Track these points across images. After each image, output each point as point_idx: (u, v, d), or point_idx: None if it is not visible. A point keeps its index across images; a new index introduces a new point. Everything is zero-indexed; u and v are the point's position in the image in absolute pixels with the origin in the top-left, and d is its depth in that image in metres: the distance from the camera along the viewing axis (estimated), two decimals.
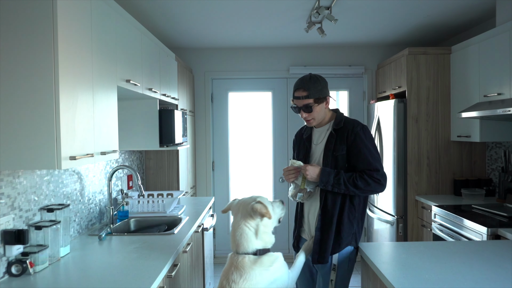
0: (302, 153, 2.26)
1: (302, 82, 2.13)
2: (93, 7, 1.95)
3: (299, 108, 2.15)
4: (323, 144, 2.17)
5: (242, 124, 4.90)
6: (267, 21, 3.66)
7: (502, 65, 2.94)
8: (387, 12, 3.44)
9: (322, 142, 2.18)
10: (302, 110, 2.14)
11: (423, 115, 3.79)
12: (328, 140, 2.14)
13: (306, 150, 2.24)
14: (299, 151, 2.29)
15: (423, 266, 1.81)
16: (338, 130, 2.13)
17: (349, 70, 4.69)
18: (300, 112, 2.16)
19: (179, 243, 2.25)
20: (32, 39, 1.56)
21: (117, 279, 1.71)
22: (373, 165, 2.04)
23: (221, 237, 4.86)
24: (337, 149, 2.09)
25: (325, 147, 2.14)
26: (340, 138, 2.10)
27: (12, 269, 1.75)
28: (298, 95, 2.13)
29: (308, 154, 2.24)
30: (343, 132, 2.11)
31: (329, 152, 2.11)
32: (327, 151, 2.12)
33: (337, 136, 2.12)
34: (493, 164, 3.72)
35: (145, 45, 2.77)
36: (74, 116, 1.72)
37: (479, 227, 2.62)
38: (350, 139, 2.08)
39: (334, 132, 2.13)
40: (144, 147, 3.01)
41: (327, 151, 2.12)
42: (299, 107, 2.14)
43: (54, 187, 2.20)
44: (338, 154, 2.08)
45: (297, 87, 2.14)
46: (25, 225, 1.92)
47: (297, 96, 2.13)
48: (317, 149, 2.21)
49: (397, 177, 3.84)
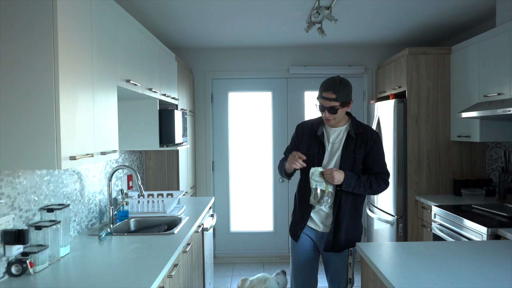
0: (314, 149, 2.34)
1: (333, 84, 2.23)
2: (93, 7, 1.95)
3: (324, 108, 2.24)
4: (340, 144, 2.32)
5: (242, 124, 4.90)
6: (267, 21, 3.66)
7: (502, 65, 2.94)
8: (387, 12, 3.44)
9: (340, 142, 2.33)
10: (327, 110, 2.23)
11: (423, 115, 3.79)
12: (347, 142, 2.31)
13: (321, 147, 2.33)
14: (310, 145, 2.35)
15: (423, 266, 1.81)
16: (358, 134, 2.31)
17: (349, 70, 4.69)
18: (324, 112, 2.26)
19: (179, 243, 2.25)
20: (32, 39, 1.56)
21: (117, 279, 1.71)
22: (385, 169, 2.35)
23: (221, 237, 4.86)
24: (357, 151, 2.29)
25: (345, 148, 2.30)
26: (360, 142, 2.30)
27: (12, 269, 1.75)
28: (327, 96, 2.22)
29: (323, 151, 2.32)
30: (363, 137, 2.31)
31: (349, 154, 2.29)
32: (347, 152, 2.29)
33: (356, 139, 2.30)
34: (493, 164, 3.72)
35: (145, 45, 2.76)
36: (74, 116, 1.72)
37: (479, 227, 2.62)
38: (369, 145, 2.31)
39: (355, 135, 2.30)
40: (144, 147, 3.01)
41: (347, 152, 2.29)
42: (325, 107, 2.23)
43: (54, 187, 2.20)
44: (357, 157, 2.29)
45: (327, 88, 2.22)
46: (25, 225, 1.92)
47: (325, 97, 2.22)
48: (333, 148, 2.33)
49: (397, 177, 3.84)
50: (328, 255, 2.39)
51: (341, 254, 2.36)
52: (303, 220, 2.38)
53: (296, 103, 4.82)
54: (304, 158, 2.25)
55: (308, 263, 2.44)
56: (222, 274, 4.44)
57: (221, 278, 4.33)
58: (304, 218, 2.38)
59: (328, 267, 2.43)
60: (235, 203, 4.95)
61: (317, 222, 2.37)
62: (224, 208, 4.89)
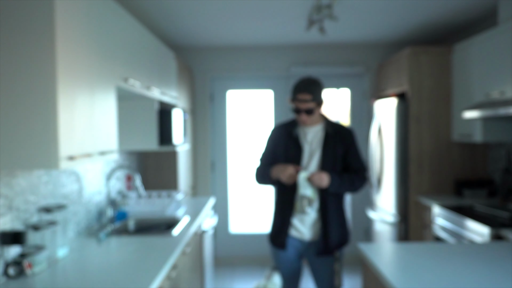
0: (292, 151, 2.28)
1: (307, 85, 2.18)
2: (92, 7, 1.93)
3: (300, 111, 2.19)
4: (319, 144, 2.27)
5: (242, 124, 4.89)
6: (268, 20, 3.64)
7: (504, 64, 2.92)
8: (388, 11, 3.42)
9: (318, 141, 2.28)
10: (304, 112, 2.19)
11: (424, 114, 3.76)
12: (326, 140, 2.26)
13: (298, 148, 2.28)
14: (287, 148, 2.29)
15: (425, 267, 1.79)
16: (335, 131, 2.28)
17: (350, 69, 4.67)
18: (300, 114, 2.21)
19: (178, 244, 2.23)
20: (31, 38, 1.55)
21: (116, 280, 1.70)
22: (364, 165, 2.34)
23: (221, 238, 4.84)
24: (337, 149, 2.26)
25: (325, 146, 2.25)
26: (338, 139, 2.27)
27: (10, 271, 1.73)
28: (302, 98, 2.17)
29: (301, 152, 2.26)
30: (340, 134, 2.28)
31: (329, 152, 2.24)
32: (327, 150, 2.25)
33: (335, 137, 2.26)
34: (495, 164, 3.70)
35: (144, 44, 2.75)
36: (73, 116, 1.70)
37: (481, 228, 2.60)
38: (347, 141, 2.29)
39: (333, 133, 2.27)
40: (143, 147, 2.99)
41: (327, 150, 2.25)
42: (302, 109, 2.18)
43: (53, 188, 2.18)
44: (338, 154, 2.26)
45: (301, 90, 2.18)
46: (23, 226, 1.90)
47: (301, 98, 2.18)
48: (312, 148, 2.28)
49: (398, 177, 3.82)
50: (315, 263, 2.33)
51: (328, 260, 2.31)
52: (283, 228, 2.28)
53: None
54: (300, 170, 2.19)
55: (294, 273, 2.37)
56: (222, 276, 4.42)
57: (221, 280, 4.31)
58: (284, 225, 2.28)
59: (316, 274, 2.37)
60: (235, 203, 4.94)
61: (302, 231, 2.28)
62: (223, 209, 4.86)
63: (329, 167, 2.24)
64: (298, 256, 2.35)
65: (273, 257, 2.41)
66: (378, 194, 4.22)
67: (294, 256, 2.34)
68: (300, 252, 2.34)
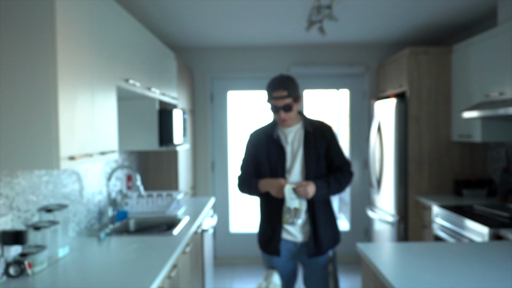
0: (274, 154, 2.22)
1: (281, 82, 2.15)
2: (93, 7, 1.94)
3: (278, 108, 2.15)
4: (300, 143, 2.23)
5: (242, 124, 4.89)
6: (268, 20, 3.65)
7: (503, 64, 2.92)
8: (388, 12, 3.43)
9: (298, 141, 2.24)
10: (282, 110, 2.15)
11: (424, 114, 3.77)
12: (307, 138, 2.22)
13: (281, 150, 2.22)
14: (269, 151, 2.23)
15: (424, 267, 1.80)
16: (315, 129, 2.23)
17: (349, 70, 4.67)
18: (279, 113, 2.16)
19: (178, 244, 2.24)
20: (31, 38, 1.55)
21: (116, 280, 1.70)
22: (347, 160, 2.30)
23: (221, 238, 4.84)
24: (319, 146, 2.21)
25: (306, 145, 2.21)
26: (319, 136, 2.23)
27: (10, 270, 1.73)
28: (278, 95, 2.13)
29: (284, 154, 2.22)
30: (321, 130, 2.24)
31: (312, 151, 2.21)
32: (309, 149, 2.21)
33: (315, 134, 2.22)
34: (494, 164, 3.70)
35: (144, 44, 2.75)
36: (73, 116, 1.71)
37: (481, 228, 2.61)
38: (328, 138, 2.24)
39: (313, 130, 2.22)
40: (143, 147, 3.00)
41: (309, 149, 2.21)
42: (279, 107, 2.14)
43: (53, 188, 2.19)
44: (320, 151, 2.21)
45: (276, 87, 2.14)
46: (24, 226, 1.91)
47: (276, 96, 2.13)
48: (293, 148, 2.24)
49: (398, 177, 3.83)
50: (308, 264, 2.30)
51: (322, 262, 2.28)
52: (275, 234, 2.24)
53: None
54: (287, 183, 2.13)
55: (289, 276, 2.33)
56: (222, 275, 4.43)
57: (221, 279, 4.32)
58: (276, 232, 2.24)
59: (310, 276, 2.33)
60: (235, 203, 4.94)
61: (294, 233, 2.24)
62: (224, 208, 4.87)
63: (313, 167, 2.19)
64: (291, 259, 2.31)
65: (266, 263, 2.37)
66: (378, 194, 4.22)
67: (288, 259, 2.29)
68: (293, 254, 2.30)
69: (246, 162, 2.33)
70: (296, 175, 2.22)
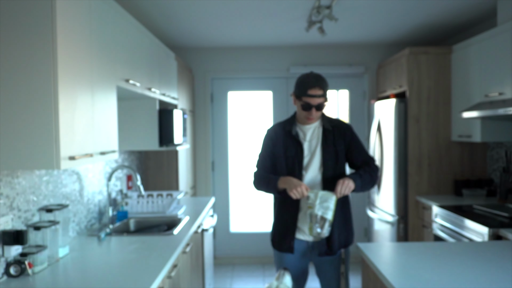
0: (292, 150, 2.21)
1: (318, 80, 2.14)
2: (93, 7, 1.94)
3: (310, 106, 2.14)
4: (318, 140, 2.23)
5: (242, 124, 4.90)
6: (267, 21, 3.65)
7: (503, 64, 2.93)
8: (387, 12, 3.43)
9: (317, 138, 2.24)
10: (314, 108, 2.14)
11: (424, 115, 3.77)
12: (325, 136, 2.22)
13: (299, 146, 2.21)
14: (287, 147, 2.22)
15: (424, 266, 1.80)
16: (333, 126, 2.24)
17: (349, 70, 4.68)
18: (311, 111, 2.15)
19: (179, 244, 2.24)
20: (32, 39, 1.55)
21: (117, 280, 1.70)
22: (370, 156, 2.31)
23: (221, 238, 4.85)
24: (337, 143, 2.22)
25: (324, 142, 2.21)
26: (337, 134, 2.23)
27: (11, 270, 1.74)
28: (314, 94, 2.12)
29: (301, 151, 2.21)
30: (339, 128, 2.25)
31: (330, 148, 2.20)
32: (328, 146, 2.20)
33: (333, 131, 2.23)
34: (494, 164, 3.71)
35: (145, 45, 2.76)
36: (74, 116, 1.71)
37: (480, 228, 2.61)
38: (348, 136, 2.25)
39: (332, 129, 2.23)
40: (143, 147, 3.00)
41: (328, 146, 2.20)
42: (313, 105, 2.13)
43: (53, 187, 2.19)
44: (339, 149, 2.21)
45: (314, 85, 2.12)
46: (24, 226, 1.91)
47: (312, 94, 2.12)
48: (311, 145, 2.23)
49: (398, 177, 3.83)
50: (320, 264, 2.28)
51: (334, 261, 2.27)
52: (289, 231, 2.20)
53: None
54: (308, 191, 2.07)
55: (300, 275, 2.31)
56: (222, 275, 4.43)
57: (221, 279, 4.32)
58: (290, 229, 2.20)
59: (321, 275, 2.32)
60: (235, 203, 4.94)
61: (307, 232, 2.19)
62: (224, 208, 4.87)
63: (330, 165, 2.18)
64: (303, 258, 2.28)
65: (277, 261, 2.33)
66: (378, 194, 4.23)
67: (299, 257, 2.27)
68: (305, 253, 2.27)
69: (263, 157, 2.30)
70: (313, 172, 2.20)
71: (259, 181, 2.27)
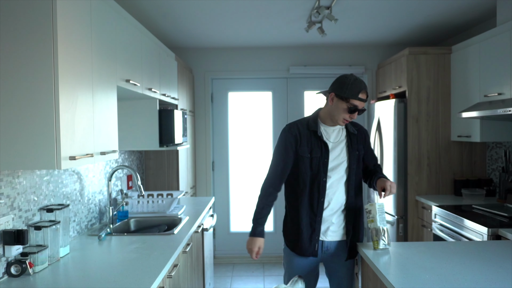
0: (317, 151, 2.14)
1: (365, 85, 2.13)
2: (93, 7, 1.95)
3: (357, 110, 2.11)
4: (343, 143, 2.21)
5: (242, 124, 4.90)
6: (267, 21, 3.66)
7: (502, 65, 2.93)
8: (387, 12, 3.44)
9: (342, 141, 2.22)
10: (357, 112, 2.13)
11: (423, 115, 3.78)
12: (351, 139, 2.22)
13: (324, 148, 2.15)
14: (312, 148, 2.15)
15: (424, 266, 1.81)
16: (357, 130, 2.27)
17: (349, 70, 4.68)
18: (353, 114, 2.12)
19: (179, 243, 2.25)
20: (32, 39, 1.56)
21: (117, 279, 1.71)
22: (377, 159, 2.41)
23: (221, 238, 4.86)
24: (359, 148, 2.25)
25: (350, 146, 2.21)
26: (359, 138, 2.26)
27: (12, 270, 1.74)
28: (364, 98, 2.11)
29: (327, 153, 2.15)
30: (360, 133, 2.28)
31: (355, 152, 2.21)
32: (353, 150, 2.21)
33: (357, 136, 2.26)
34: (493, 164, 3.71)
35: (145, 45, 2.76)
36: (74, 116, 1.71)
37: (480, 227, 2.62)
38: (367, 140, 2.31)
39: (356, 132, 2.25)
40: (144, 147, 3.00)
41: (353, 150, 2.21)
42: (360, 109, 2.12)
43: (54, 187, 2.20)
44: (360, 153, 2.24)
45: (363, 89, 2.10)
46: (25, 225, 1.92)
47: (362, 98, 2.10)
48: (337, 148, 2.19)
49: (398, 177, 3.84)
50: (332, 263, 2.24)
51: (349, 264, 2.23)
52: (315, 233, 2.15)
53: (296, 103, 4.82)
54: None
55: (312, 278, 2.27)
56: (222, 275, 4.43)
57: (221, 279, 4.33)
58: (316, 230, 2.15)
59: (332, 275, 2.28)
60: (235, 203, 4.95)
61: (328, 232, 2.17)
62: (224, 208, 4.88)
63: (354, 168, 2.18)
64: (316, 260, 2.24)
65: (288, 261, 2.30)
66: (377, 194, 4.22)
67: (312, 260, 2.23)
68: (319, 256, 2.22)
69: (276, 161, 2.25)
70: (338, 175, 2.16)
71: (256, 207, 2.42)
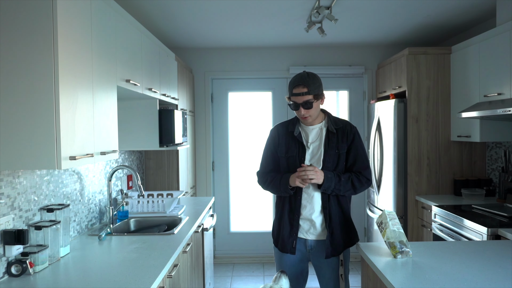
0: (294, 150, 2.20)
1: (301, 78, 2.13)
2: (93, 7, 1.95)
3: (298, 105, 2.14)
4: (321, 142, 2.20)
5: (242, 124, 4.90)
6: (267, 21, 3.66)
7: (502, 65, 2.94)
8: (387, 12, 3.44)
9: (320, 140, 2.21)
10: (301, 106, 2.14)
11: (423, 115, 3.79)
12: (328, 138, 2.19)
13: (300, 148, 2.20)
14: (288, 147, 2.21)
15: (423, 266, 1.81)
16: (338, 129, 2.21)
17: (349, 70, 4.69)
18: (299, 109, 2.15)
19: (179, 243, 2.25)
20: (32, 39, 1.56)
21: (117, 279, 1.71)
22: (366, 164, 2.22)
23: (221, 237, 4.86)
24: (340, 147, 2.18)
25: (327, 145, 2.18)
26: (341, 136, 2.19)
27: (12, 269, 1.75)
28: (298, 92, 2.12)
29: (303, 152, 2.19)
30: (343, 131, 2.21)
31: (332, 151, 2.17)
32: (330, 149, 2.17)
33: (337, 134, 2.19)
34: (493, 164, 3.72)
35: (145, 45, 2.76)
36: (74, 116, 1.72)
37: (479, 227, 2.62)
38: (349, 139, 2.20)
39: (336, 130, 2.19)
40: (144, 147, 3.01)
41: (330, 149, 2.17)
42: (299, 103, 2.13)
43: (54, 187, 2.20)
44: (341, 152, 2.18)
45: (297, 83, 2.13)
46: (25, 225, 1.92)
47: (296, 92, 2.13)
48: (314, 147, 2.20)
49: (397, 177, 3.84)
50: (319, 264, 2.27)
51: (332, 263, 2.24)
52: (293, 230, 2.20)
53: None
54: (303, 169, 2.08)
55: (299, 275, 2.31)
56: (222, 274, 4.44)
57: (221, 278, 4.33)
58: (294, 228, 2.20)
59: (320, 276, 2.31)
60: (235, 203, 4.95)
61: (310, 230, 2.20)
62: (224, 208, 4.89)
63: (331, 166, 2.16)
64: (303, 258, 2.28)
65: (277, 260, 2.34)
66: (377, 194, 4.23)
67: (300, 258, 2.27)
68: (305, 255, 2.27)
69: (266, 157, 2.33)
70: None
71: (267, 181, 2.28)
